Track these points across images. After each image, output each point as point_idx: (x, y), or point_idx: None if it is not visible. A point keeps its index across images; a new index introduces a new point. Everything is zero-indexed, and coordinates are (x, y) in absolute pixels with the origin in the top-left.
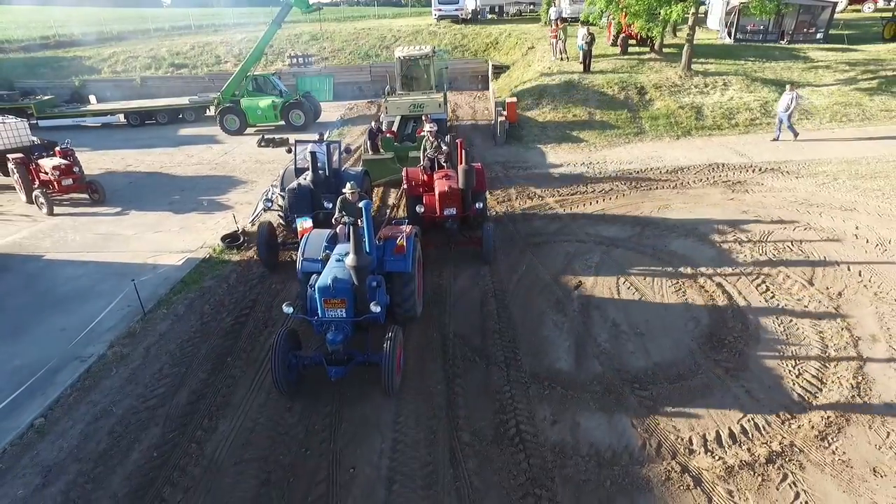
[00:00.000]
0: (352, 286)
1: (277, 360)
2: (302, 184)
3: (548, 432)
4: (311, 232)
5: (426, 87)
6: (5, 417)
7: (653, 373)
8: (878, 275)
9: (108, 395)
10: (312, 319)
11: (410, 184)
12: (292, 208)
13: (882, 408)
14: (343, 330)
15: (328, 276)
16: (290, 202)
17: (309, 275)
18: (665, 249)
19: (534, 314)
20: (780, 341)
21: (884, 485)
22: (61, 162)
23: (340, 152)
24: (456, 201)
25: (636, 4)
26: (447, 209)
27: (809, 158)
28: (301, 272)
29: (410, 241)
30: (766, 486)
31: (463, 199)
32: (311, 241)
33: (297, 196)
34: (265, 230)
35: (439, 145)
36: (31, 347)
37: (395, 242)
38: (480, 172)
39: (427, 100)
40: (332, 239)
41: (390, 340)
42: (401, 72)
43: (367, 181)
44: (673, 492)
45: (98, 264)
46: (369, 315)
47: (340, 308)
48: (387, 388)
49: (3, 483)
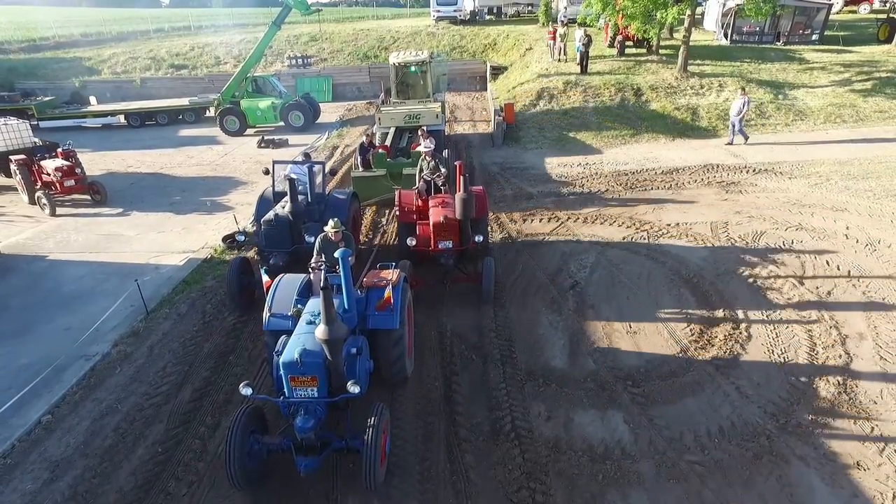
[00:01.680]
0: (324, 360)
1: (234, 448)
2: (279, 214)
3: (542, 428)
4: (283, 278)
5: (423, 94)
6: (13, 414)
7: (645, 370)
8: (866, 274)
9: (114, 392)
10: (278, 401)
11: (403, 209)
12: (268, 243)
13: (867, 404)
14: (315, 413)
15: (295, 347)
16: (265, 236)
17: (277, 334)
18: (659, 250)
19: (530, 313)
20: (769, 339)
21: (866, 478)
22: (63, 163)
23: (324, 175)
24: (453, 233)
25: (633, 6)
26: (442, 242)
27: (803, 159)
28: (267, 329)
29: (398, 291)
30: (753, 479)
31: (461, 230)
32: (281, 291)
33: (273, 228)
34: (237, 266)
35: (437, 166)
36: (36, 346)
37: (380, 293)
38: (482, 198)
39: (424, 110)
40: (306, 288)
41: (373, 428)
42: (396, 79)
43: (356, 205)
44: (663, 485)
45: (101, 264)
46: (346, 395)
47: (311, 387)
48: (368, 482)
49: (13, 478)
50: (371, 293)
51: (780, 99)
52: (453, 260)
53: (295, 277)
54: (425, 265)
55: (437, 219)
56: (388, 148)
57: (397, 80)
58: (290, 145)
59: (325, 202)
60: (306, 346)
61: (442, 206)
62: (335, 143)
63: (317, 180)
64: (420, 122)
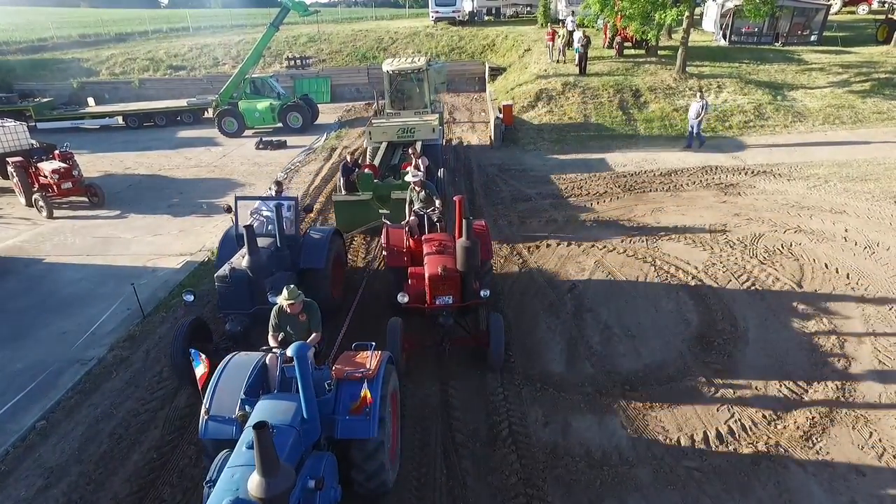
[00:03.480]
0: None
1: None
2: (236, 268)
3: (540, 433)
4: (231, 360)
5: (420, 105)
6: (8, 420)
7: (643, 374)
8: (865, 277)
9: (109, 397)
10: None
11: (391, 251)
12: (224, 304)
13: (866, 409)
14: None
15: (223, 497)
16: (219, 296)
17: (217, 444)
18: (658, 252)
19: (527, 317)
20: (768, 343)
21: (865, 484)
22: (60, 165)
23: (297, 212)
24: (453, 287)
25: (631, 8)
26: (440, 298)
27: (801, 161)
28: (204, 437)
29: (378, 383)
30: (751, 485)
31: (463, 283)
32: (227, 381)
33: (228, 287)
34: (184, 332)
35: (429, 197)
36: (32, 350)
37: (355, 389)
38: (485, 235)
39: (419, 123)
40: (258, 377)
41: None
42: (390, 87)
43: (339, 243)
44: (662, 491)
45: (98, 267)
46: None
47: None
48: None
49: (7, 485)
50: (343, 389)
51: (779, 100)
52: (452, 318)
53: (246, 359)
54: (418, 322)
55: (434, 271)
56: (376, 167)
57: (391, 88)
58: (289, 146)
59: (300, 244)
60: (239, 496)
61: (438, 251)
62: (333, 145)
63: (287, 220)
64: (415, 136)
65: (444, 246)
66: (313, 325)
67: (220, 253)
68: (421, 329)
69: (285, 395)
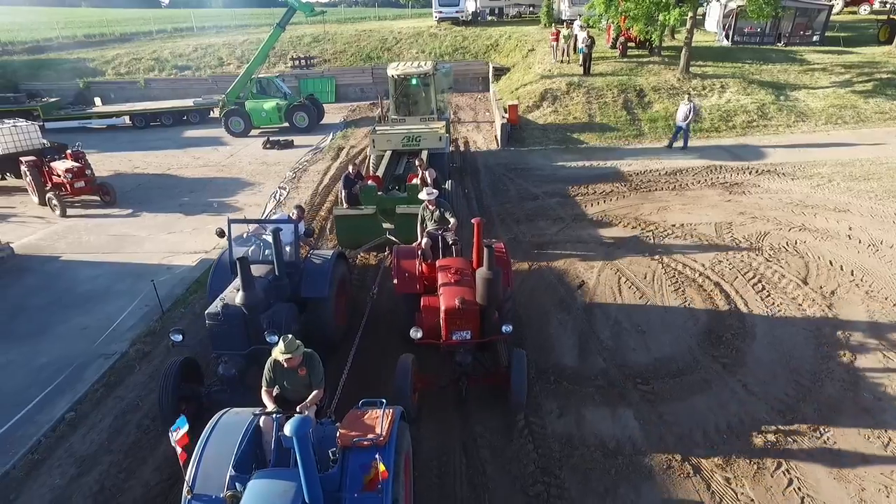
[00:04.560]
0: None
1: None
2: (229, 305)
3: (555, 425)
4: (219, 421)
5: (426, 111)
6: (38, 412)
7: (654, 368)
8: (869, 274)
9: (134, 390)
10: None
11: (402, 275)
12: (216, 344)
13: (871, 401)
14: None
15: None
16: (210, 335)
17: None
18: (665, 250)
19: (539, 313)
20: (775, 338)
21: (871, 472)
22: (74, 164)
23: (296, 237)
24: (471, 322)
25: (635, 8)
26: (458, 333)
27: (805, 160)
28: None
29: (391, 450)
30: (761, 473)
31: (483, 317)
32: (214, 447)
33: (220, 325)
34: (175, 373)
35: (443, 216)
36: (54, 345)
37: (364, 459)
38: (505, 262)
39: (425, 131)
40: (249, 447)
41: None
42: (395, 93)
43: (343, 269)
44: (674, 479)
45: (113, 265)
46: None
47: None
48: None
49: (41, 472)
50: (350, 459)
51: (782, 100)
52: (471, 356)
53: (237, 421)
54: (433, 359)
55: (451, 303)
56: (380, 179)
57: (396, 94)
58: (296, 146)
59: (301, 272)
60: None
61: (455, 279)
62: (340, 144)
63: (287, 246)
64: (420, 145)
65: (462, 274)
66: (314, 380)
67: (212, 283)
68: (435, 365)
69: (282, 472)
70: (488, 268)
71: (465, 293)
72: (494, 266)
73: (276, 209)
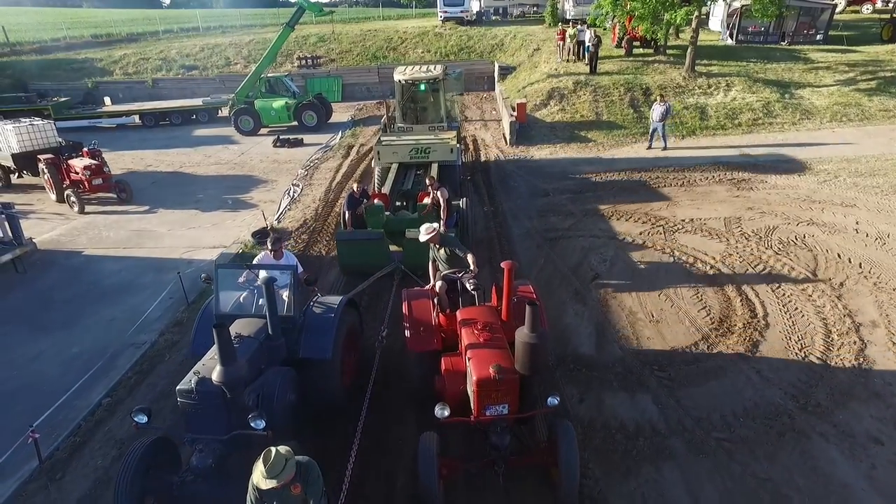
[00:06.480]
0: None
1: None
2: (205, 379)
3: (576, 409)
4: None
5: (435, 118)
6: (76, 397)
7: (670, 356)
8: (877, 266)
9: (165, 377)
10: None
11: (416, 329)
12: (190, 426)
13: (882, 386)
14: None
15: None
16: (185, 415)
17: None
18: (676, 243)
19: (555, 303)
20: (787, 327)
21: (883, 452)
22: (91, 162)
23: (294, 286)
24: (509, 393)
25: (641, 8)
26: (492, 407)
27: (811, 157)
28: None
29: None
30: (777, 454)
31: (523, 387)
32: None
33: (195, 405)
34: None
35: (456, 256)
36: (84, 336)
37: None
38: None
39: (435, 142)
40: None
41: None
42: (402, 99)
43: (353, 319)
44: (693, 459)
45: (135, 259)
46: None
47: None
48: None
49: (83, 454)
50: None
51: (787, 98)
52: (510, 435)
53: None
54: (462, 437)
55: (485, 373)
56: (387, 197)
57: (403, 100)
58: (305, 144)
59: (300, 327)
60: None
61: (485, 338)
62: (350, 142)
63: (283, 298)
64: (430, 157)
65: (492, 330)
66: (312, 499)
67: (196, 335)
68: (459, 439)
69: None
70: (531, 329)
71: (500, 357)
72: (539, 328)
73: (290, 205)
